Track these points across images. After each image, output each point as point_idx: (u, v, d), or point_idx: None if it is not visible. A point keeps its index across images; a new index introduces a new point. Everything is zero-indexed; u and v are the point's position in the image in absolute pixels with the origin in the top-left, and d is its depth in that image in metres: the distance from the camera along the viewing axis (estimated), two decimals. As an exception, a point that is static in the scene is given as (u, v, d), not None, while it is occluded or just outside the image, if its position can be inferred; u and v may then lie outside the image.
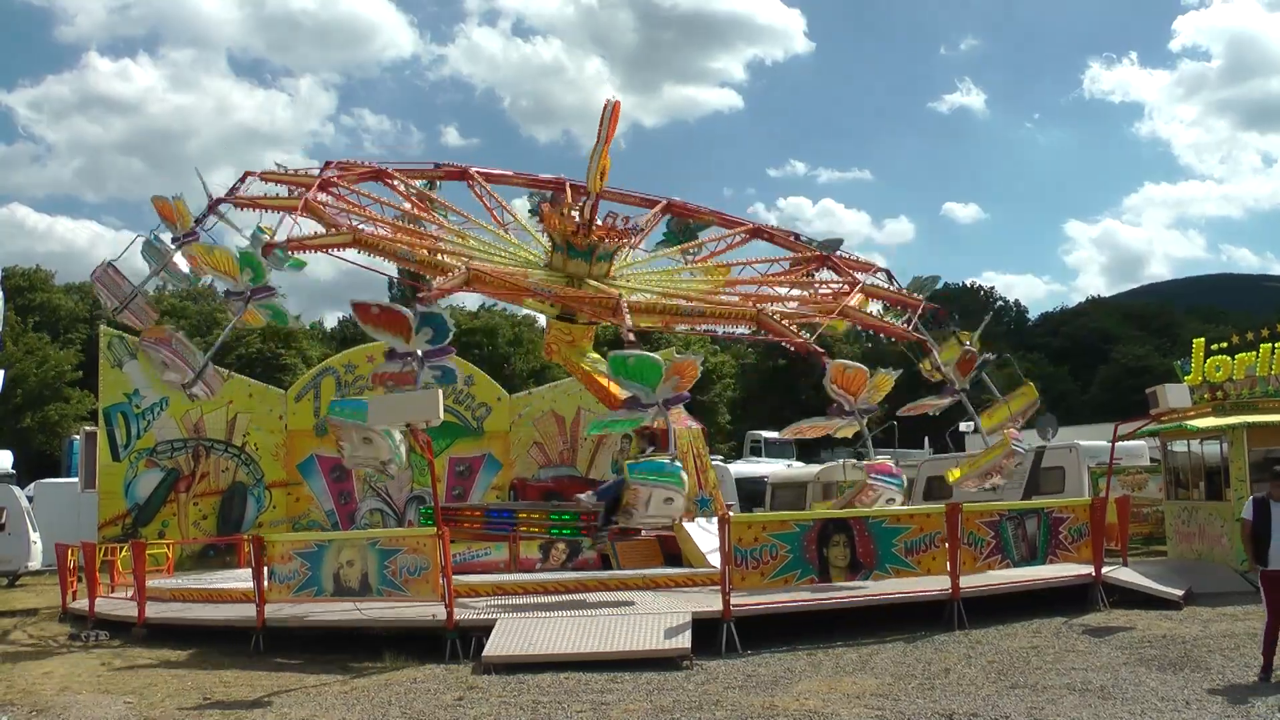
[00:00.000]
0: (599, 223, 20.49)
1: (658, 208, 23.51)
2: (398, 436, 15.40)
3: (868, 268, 23.33)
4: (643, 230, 22.65)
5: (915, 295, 22.17)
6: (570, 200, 21.87)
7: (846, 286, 21.88)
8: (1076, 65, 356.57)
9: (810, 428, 20.57)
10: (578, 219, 20.37)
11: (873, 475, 18.45)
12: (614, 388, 20.69)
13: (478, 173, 23.25)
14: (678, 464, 15.40)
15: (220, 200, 19.86)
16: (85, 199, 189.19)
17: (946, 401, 20.77)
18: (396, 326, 15.94)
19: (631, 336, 17.63)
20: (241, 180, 20.24)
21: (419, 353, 15.88)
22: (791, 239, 24.29)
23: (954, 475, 20.74)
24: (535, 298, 19.93)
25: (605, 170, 20.00)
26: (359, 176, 21.22)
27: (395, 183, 21.89)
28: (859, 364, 19.73)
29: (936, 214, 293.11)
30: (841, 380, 18.72)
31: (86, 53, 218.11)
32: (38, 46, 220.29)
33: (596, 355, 21.29)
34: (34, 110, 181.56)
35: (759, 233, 24.32)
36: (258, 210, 20.01)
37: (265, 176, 20.14)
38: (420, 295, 16.73)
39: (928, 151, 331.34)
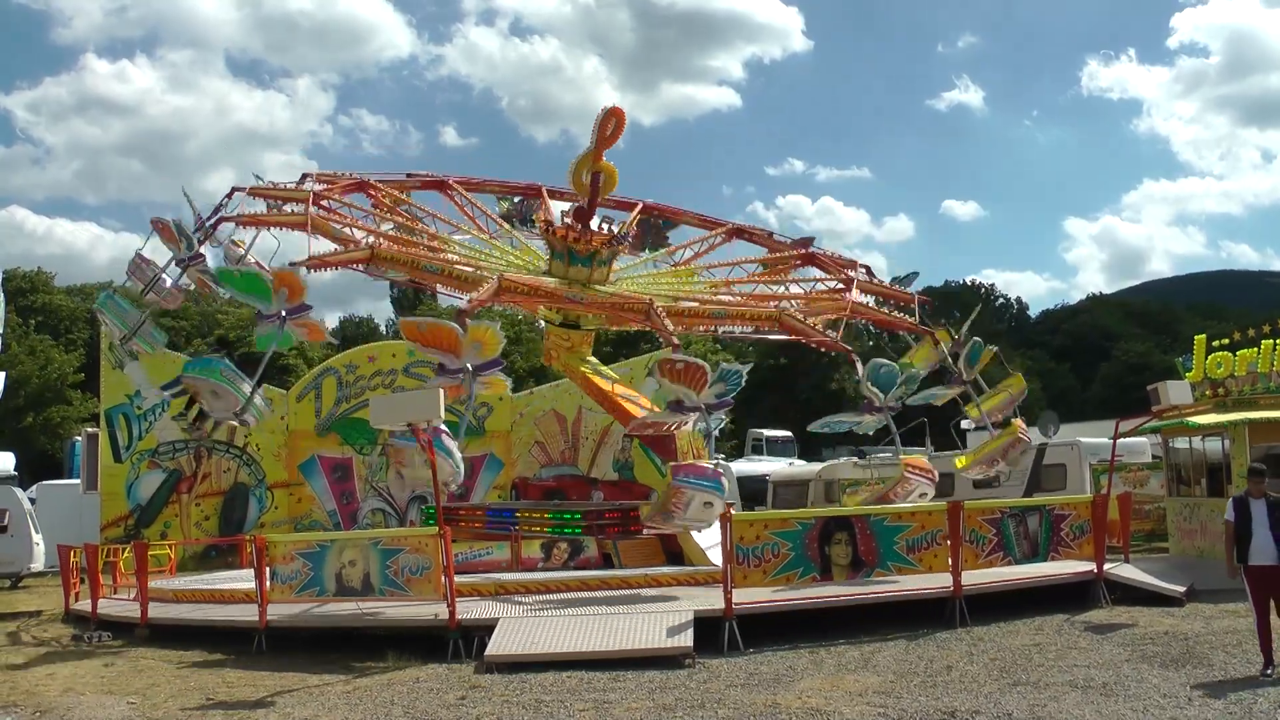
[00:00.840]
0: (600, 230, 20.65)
1: (635, 210, 23.54)
2: (458, 454, 15.49)
3: (851, 265, 23.50)
4: (633, 234, 22.73)
5: (905, 290, 22.34)
6: (547, 206, 21.99)
7: (842, 284, 21.96)
8: (1074, 63, 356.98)
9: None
10: (578, 226, 20.52)
11: (910, 471, 18.90)
12: (616, 390, 20.90)
13: (456, 182, 23.33)
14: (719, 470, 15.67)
15: (224, 219, 19.79)
16: (85, 201, 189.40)
17: (954, 391, 20.94)
18: (446, 342, 16.08)
19: (675, 341, 17.85)
20: (228, 196, 20.28)
21: (469, 366, 16.02)
22: (768, 237, 24.44)
23: (961, 462, 20.94)
24: (570, 306, 20.19)
25: (612, 175, 20.15)
26: (344, 189, 21.18)
27: (377, 193, 21.86)
28: (890, 361, 20.15)
29: (936, 212, 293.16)
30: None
31: (84, 54, 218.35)
32: (35, 48, 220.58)
33: (595, 360, 21.43)
34: (32, 112, 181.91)
35: (739, 233, 24.43)
36: (261, 227, 19.97)
37: (253, 191, 20.08)
38: (462, 310, 17.13)
39: (926, 149, 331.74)
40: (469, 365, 16.24)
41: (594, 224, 20.75)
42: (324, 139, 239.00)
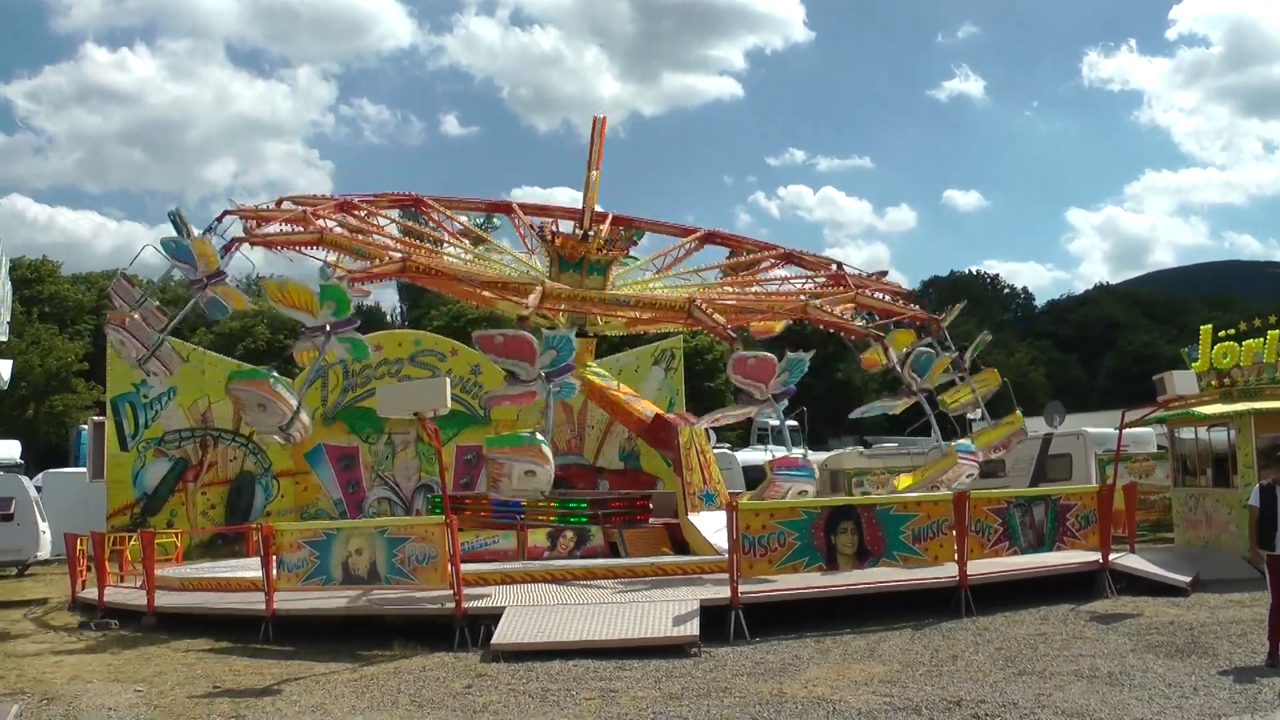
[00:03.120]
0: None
1: (606, 221, 23.76)
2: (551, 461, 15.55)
3: (825, 264, 23.96)
4: (634, 242, 23.05)
5: (911, 306, 22.76)
6: (521, 222, 22.61)
7: (828, 278, 22.50)
8: (1074, 54, 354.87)
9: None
10: (579, 234, 21.10)
11: (960, 454, 19.51)
12: (620, 394, 21.06)
13: (432, 200, 23.64)
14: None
15: (239, 240, 19.81)
16: (87, 190, 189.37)
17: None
18: (522, 351, 16.35)
19: (731, 334, 18.71)
20: (219, 220, 20.34)
21: (542, 374, 16.36)
22: (739, 241, 24.77)
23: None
24: (614, 310, 20.84)
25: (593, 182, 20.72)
26: (334, 208, 21.19)
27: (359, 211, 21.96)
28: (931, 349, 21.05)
29: (937, 201, 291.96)
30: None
31: (83, 44, 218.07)
32: (34, 38, 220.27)
33: (600, 368, 21.65)
34: (33, 101, 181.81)
35: (711, 238, 24.64)
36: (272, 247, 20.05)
37: (242, 214, 20.20)
38: (522, 316, 17.97)
39: (928, 139, 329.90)
40: (542, 373, 16.46)
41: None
42: (326, 128, 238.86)
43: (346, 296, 17.24)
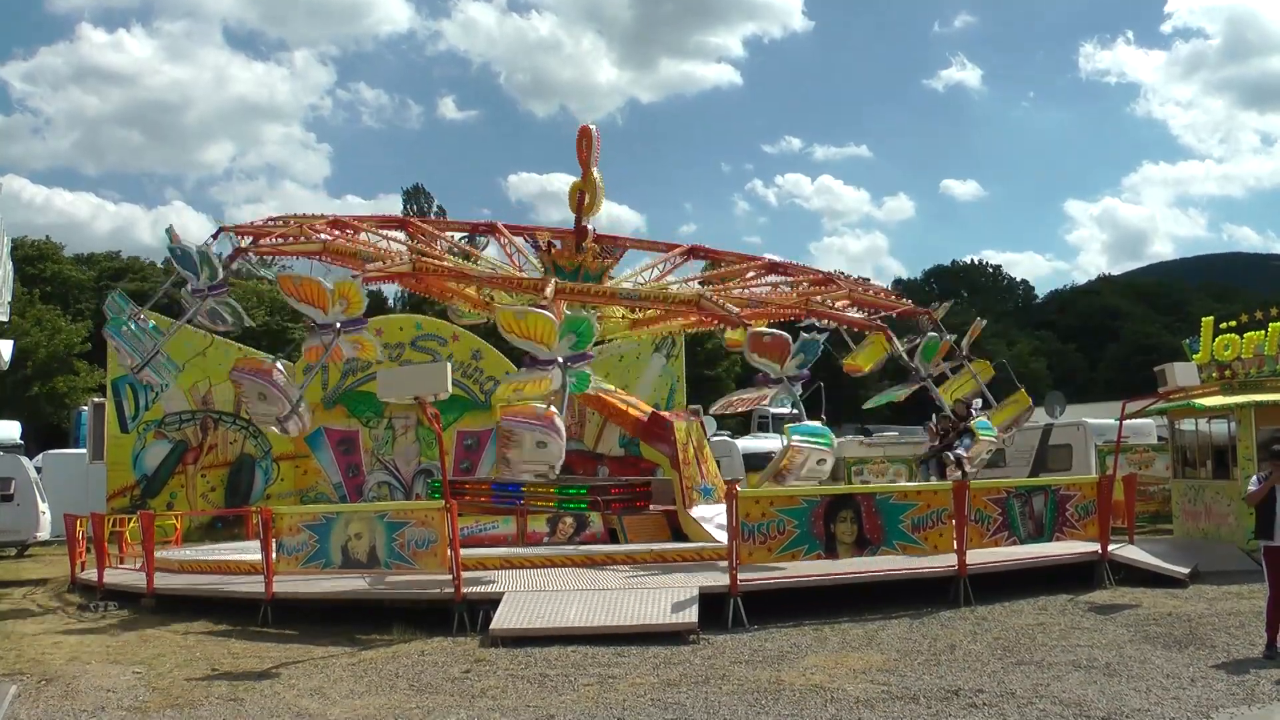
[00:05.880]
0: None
1: (588, 239, 23.78)
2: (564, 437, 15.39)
3: (812, 273, 24.04)
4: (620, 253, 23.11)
5: (902, 300, 22.91)
6: (506, 237, 22.59)
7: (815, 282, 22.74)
8: (1070, 46, 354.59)
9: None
10: (572, 245, 21.20)
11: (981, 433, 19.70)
12: (615, 398, 21.11)
13: (420, 221, 23.78)
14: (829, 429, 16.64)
15: (239, 251, 19.89)
16: (84, 171, 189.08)
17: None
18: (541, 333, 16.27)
19: (745, 320, 18.51)
20: (214, 237, 20.42)
21: (560, 359, 16.14)
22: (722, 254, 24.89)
23: None
24: (626, 303, 21.10)
25: (590, 193, 20.64)
26: (328, 225, 21.15)
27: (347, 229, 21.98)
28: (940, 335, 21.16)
29: (935, 191, 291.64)
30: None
31: (79, 24, 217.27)
32: (29, 18, 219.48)
33: (597, 377, 21.71)
34: (29, 82, 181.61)
35: (694, 252, 24.65)
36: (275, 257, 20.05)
37: (238, 231, 20.30)
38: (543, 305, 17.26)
39: (926, 128, 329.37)
40: (560, 358, 16.36)
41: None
42: (324, 112, 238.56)
43: (360, 295, 17.21)
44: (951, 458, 19.54)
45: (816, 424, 16.59)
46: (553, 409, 15.25)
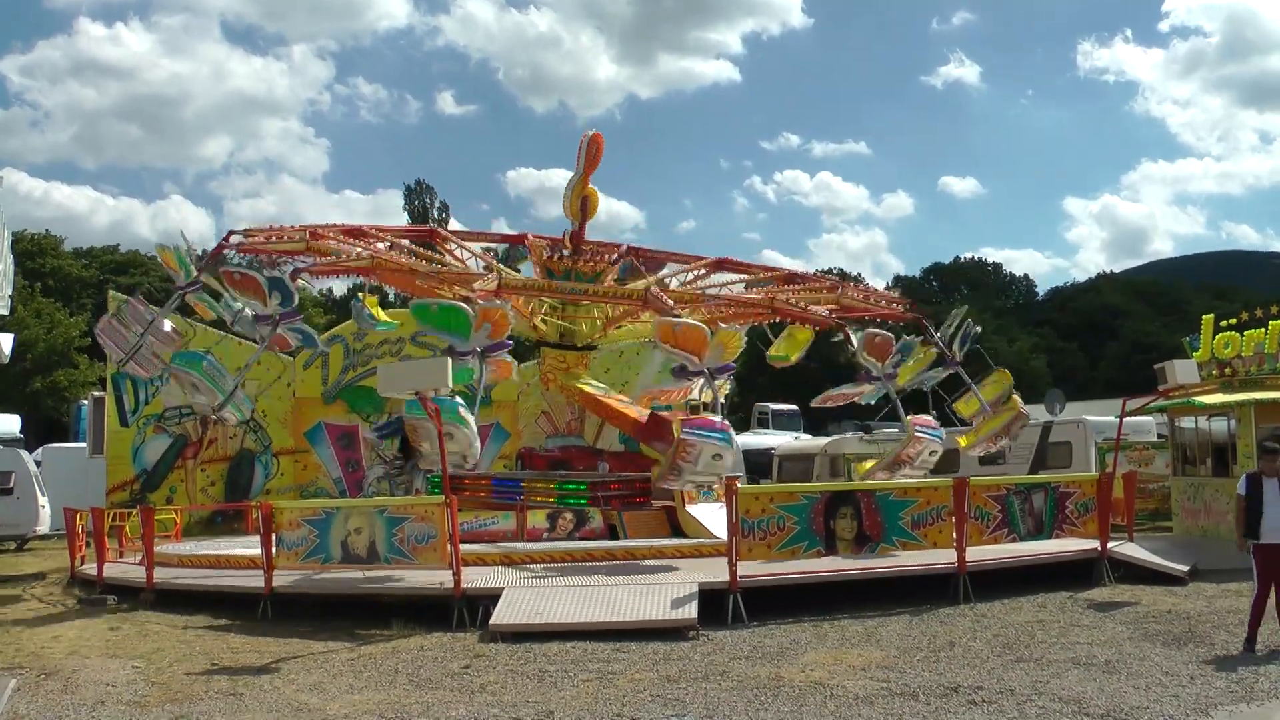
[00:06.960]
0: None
1: (620, 250, 23.87)
2: (473, 425, 15.48)
3: (829, 284, 24.17)
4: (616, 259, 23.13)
5: (896, 302, 22.98)
6: (535, 250, 22.47)
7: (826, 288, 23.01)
8: (1068, 44, 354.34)
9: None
10: (570, 249, 21.37)
11: (919, 429, 19.82)
12: (614, 401, 21.13)
13: (451, 232, 24.11)
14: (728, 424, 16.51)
15: (223, 245, 20.01)
16: (83, 165, 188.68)
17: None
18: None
19: (677, 314, 18.43)
20: (225, 240, 20.35)
21: (708, 370, 16.98)
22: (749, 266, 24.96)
23: (965, 441, 21.90)
24: (573, 298, 20.95)
25: (593, 199, 20.63)
26: (343, 234, 21.08)
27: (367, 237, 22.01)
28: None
29: (934, 188, 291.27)
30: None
31: (77, 18, 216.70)
32: (26, 11, 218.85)
33: (596, 381, 21.77)
34: (27, 76, 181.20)
35: (721, 265, 24.66)
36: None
37: (248, 235, 20.19)
38: (493, 293, 17.69)
39: (925, 125, 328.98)
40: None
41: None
42: (322, 106, 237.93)
43: (291, 289, 17.64)
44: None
45: (714, 418, 16.54)
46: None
